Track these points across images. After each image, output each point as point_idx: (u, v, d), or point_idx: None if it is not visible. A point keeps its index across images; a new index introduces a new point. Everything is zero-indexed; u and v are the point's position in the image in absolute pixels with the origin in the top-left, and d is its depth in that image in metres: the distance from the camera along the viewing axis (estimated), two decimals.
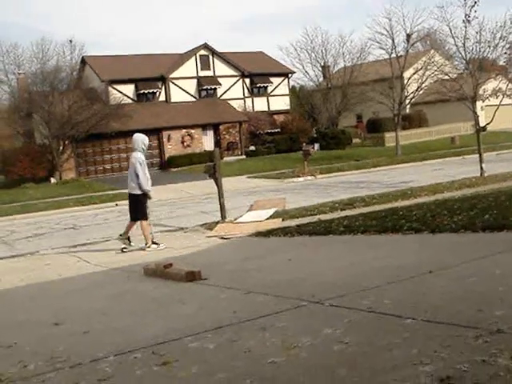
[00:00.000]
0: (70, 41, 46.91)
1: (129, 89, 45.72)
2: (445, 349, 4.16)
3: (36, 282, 9.77)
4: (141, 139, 12.31)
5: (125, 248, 12.24)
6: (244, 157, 45.47)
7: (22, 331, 6.34)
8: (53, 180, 39.17)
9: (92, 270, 10.47)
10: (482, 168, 20.92)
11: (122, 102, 42.14)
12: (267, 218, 14.87)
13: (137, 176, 11.99)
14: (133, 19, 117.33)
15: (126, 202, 24.72)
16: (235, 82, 49.47)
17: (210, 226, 14.57)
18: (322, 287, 6.69)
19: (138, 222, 12.32)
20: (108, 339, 5.56)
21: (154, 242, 12.13)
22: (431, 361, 3.97)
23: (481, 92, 25.29)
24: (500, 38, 24.91)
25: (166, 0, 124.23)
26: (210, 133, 46.41)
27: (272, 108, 51.31)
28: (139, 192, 12.10)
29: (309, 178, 29.60)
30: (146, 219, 12.23)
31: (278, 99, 51.44)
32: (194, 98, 47.79)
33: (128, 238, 12.38)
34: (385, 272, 7.03)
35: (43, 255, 13.22)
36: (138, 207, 12.21)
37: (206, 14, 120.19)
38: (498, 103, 23.47)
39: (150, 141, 48.07)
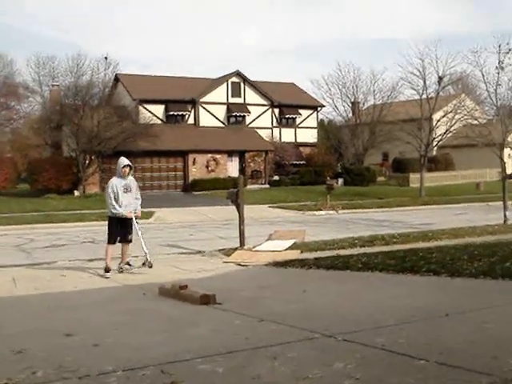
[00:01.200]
0: (106, 57, 47.52)
1: (159, 109, 46.13)
2: None
3: (50, 291, 9.81)
4: (119, 163, 12.19)
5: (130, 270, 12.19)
6: (267, 186, 45.51)
7: (33, 339, 6.35)
8: (76, 193, 39.46)
9: (107, 284, 10.49)
10: (505, 215, 20.73)
11: (151, 122, 42.49)
12: (286, 249, 14.82)
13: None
14: (168, 41, 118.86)
15: (147, 220, 24.76)
16: (264, 111, 49.72)
17: (228, 252, 14.56)
18: (336, 321, 6.63)
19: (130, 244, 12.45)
20: (118, 354, 5.55)
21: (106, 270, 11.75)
22: None
23: (509, 139, 25.22)
24: None
25: (202, 25, 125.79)
26: (236, 159, 46.58)
27: (299, 140, 51.42)
28: (109, 214, 12.11)
29: (330, 212, 29.52)
30: (109, 243, 12.08)
31: (306, 131, 51.56)
32: (223, 123, 48.08)
33: (127, 263, 12.28)
34: (400, 311, 6.96)
35: (60, 266, 13.27)
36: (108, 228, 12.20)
37: (240, 41, 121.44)
38: None
39: (175, 162, 47.85)
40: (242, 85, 48.96)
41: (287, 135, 50.97)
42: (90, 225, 24.46)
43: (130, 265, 12.22)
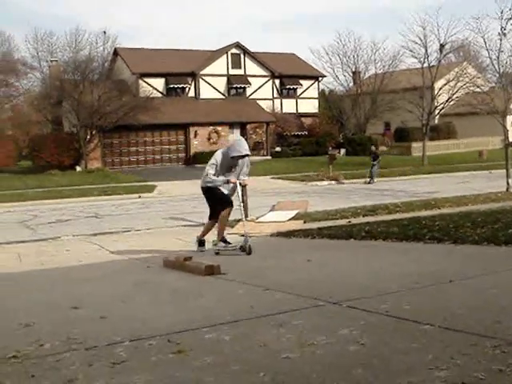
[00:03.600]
0: (104, 32, 47.28)
1: (159, 83, 45.95)
2: (462, 356, 4.13)
3: (56, 266, 9.86)
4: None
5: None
6: (269, 157, 45.48)
7: (40, 312, 6.40)
8: (78, 168, 39.50)
9: (112, 258, 10.54)
10: (508, 183, 20.73)
11: (152, 96, 42.35)
12: (289, 219, 14.86)
13: None
14: (167, 14, 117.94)
15: (149, 194, 24.89)
16: (265, 83, 49.50)
17: (231, 224, 14.56)
18: (341, 289, 6.67)
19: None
20: (125, 325, 5.59)
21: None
22: (447, 367, 3.94)
23: None
24: None
25: None
26: (237, 131, 46.47)
27: (300, 110, 51.26)
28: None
29: (333, 182, 29.56)
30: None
31: (307, 102, 51.37)
32: (224, 95, 47.91)
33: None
34: (404, 278, 6.99)
35: (64, 241, 13.34)
36: None
37: (239, 12, 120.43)
38: None
39: (177, 135, 47.81)
40: (242, 56, 48.68)
41: (288, 106, 50.80)
42: (93, 199, 24.54)
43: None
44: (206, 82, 47.26)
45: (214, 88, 47.50)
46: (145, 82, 44.94)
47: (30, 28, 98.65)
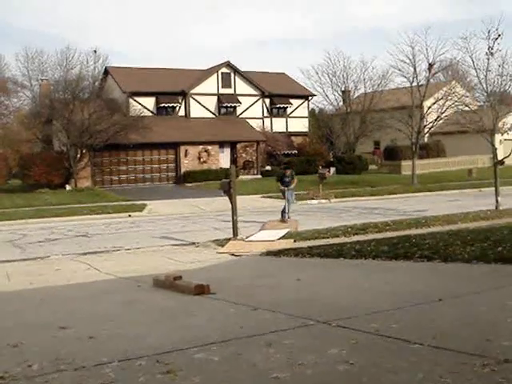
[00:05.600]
0: (95, 51, 47.24)
1: (149, 101, 45.99)
2: (451, 375, 4.13)
3: (45, 285, 9.80)
4: None
5: None
6: (260, 176, 45.48)
7: (28, 332, 6.36)
8: (68, 187, 39.36)
9: (101, 277, 10.49)
10: (497, 201, 20.81)
11: (142, 115, 42.36)
12: (279, 238, 14.84)
13: None
14: (158, 34, 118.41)
15: (139, 213, 24.82)
16: (255, 102, 49.64)
17: (222, 243, 14.57)
18: (330, 308, 6.66)
19: None
20: (113, 345, 5.56)
21: None
22: None
23: (500, 125, 25.25)
24: None
25: (191, 16, 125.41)
26: (227, 150, 46.49)
27: (290, 129, 51.38)
28: None
29: (323, 201, 29.57)
30: None
31: (297, 121, 51.51)
32: (214, 114, 47.98)
33: None
34: (394, 297, 7.00)
35: (54, 260, 13.27)
36: None
37: (230, 32, 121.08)
38: None
39: (167, 154, 47.86)
40: (232, 75, 48.82)
41: (278, 125, 50.90)
42: (83, 219, 24.43)
43: None
44: (196, 101, 47.34)
45: (205, 107, 47.57)
46: (135, 100, 44.96)
47: (20, 46, 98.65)
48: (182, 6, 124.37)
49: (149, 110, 45.58)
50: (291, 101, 51.24)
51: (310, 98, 53.52)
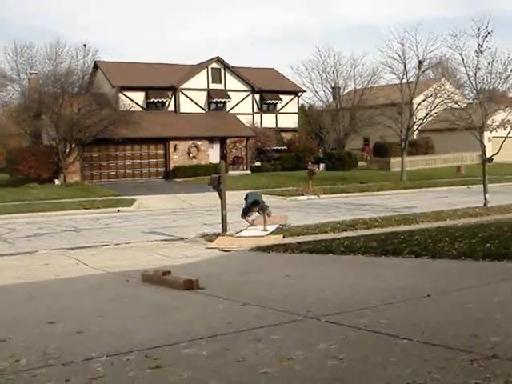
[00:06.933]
0: (84, 45, 47.11)
1: (139, 96, 45.82)
2: (439, 370, 4.15)
3: (33, 280, 9.76)
4: None
5: None
6: (249, 172, 45.45)
7: (16, 327, 6.33)
8: (57, 182, 39.20)
9: (90, 272, 10.46)
10: (485, 198, 20.90)
11: (132, 109, 42.21)
12: (268, 234, 14.85)
13: None
14: (148, 28, 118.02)
15: (128, 208, 24.78)
16: (245, 97, 49.57)
17: (211, 238, 14.56)
18: (319, 304, 6.67)
19: None
20: (102, 340, 5.54)
21: None
22: (425, 381, 3.96)
23: (489, 122, 25.31)
24: (511, 70, 24.99)
25: (181, 11, 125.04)
26: (217, 146, 46.42)
27: (280, 125, 51.35)
28: None
29: (312, 197, 29.59)
30: None
31: (287, 117, 51.49)
32: (203, 110, 47.88)
33: None
34: (383, 293, 7.01)
35: (42, 255, 13.21)
36: None
37: (220, 26, 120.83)
38: (505, 135, 23.42)
39: (156, 149, 47.81)
40: (222, 71, 48.72)
41: (268, 121, 50.86)
42: (72, 213, 24.35)
43: None
44: (186, 96, 47.20)
45: (194, 102, 47.45)
46: (125, 95, 44.77)
47: (9, 40, 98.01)
48: (172, 0, 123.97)
49: (138, 104, 45.42)
50: (281, 97, 51.20)
51: (300, 94, 53.50)
